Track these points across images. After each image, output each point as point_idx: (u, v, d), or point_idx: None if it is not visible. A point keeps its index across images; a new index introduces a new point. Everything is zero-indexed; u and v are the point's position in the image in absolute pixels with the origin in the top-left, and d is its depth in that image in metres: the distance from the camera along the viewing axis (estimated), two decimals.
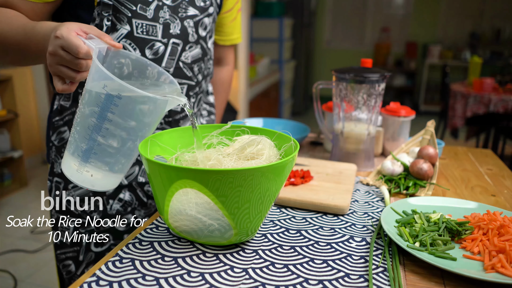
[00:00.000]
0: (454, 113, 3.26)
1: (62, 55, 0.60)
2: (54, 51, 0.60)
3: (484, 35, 5.74)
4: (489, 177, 1.01)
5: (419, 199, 0.78)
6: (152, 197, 0.93)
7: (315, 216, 0.76)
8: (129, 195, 0.90)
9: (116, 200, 0.89)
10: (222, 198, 0.56)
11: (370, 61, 0.99)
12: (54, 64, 0.62)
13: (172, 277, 0.56)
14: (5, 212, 2.74)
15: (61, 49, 0.60)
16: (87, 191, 0.86)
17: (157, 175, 0.58)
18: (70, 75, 0.62)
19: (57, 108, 0.87)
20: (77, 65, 0.61)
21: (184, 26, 0.86)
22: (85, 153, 0.61)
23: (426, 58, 5.83)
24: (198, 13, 0.88)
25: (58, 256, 0.92)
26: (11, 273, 2.08)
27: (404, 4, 6.03)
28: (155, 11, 0.81)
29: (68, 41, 0.59)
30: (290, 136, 0.68)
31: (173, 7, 0.84)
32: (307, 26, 5.57)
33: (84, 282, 0.54)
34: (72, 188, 0.87)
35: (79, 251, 0.91)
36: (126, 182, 0.89)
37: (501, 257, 0.58)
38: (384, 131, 1.13)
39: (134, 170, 0.90)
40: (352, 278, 0.57)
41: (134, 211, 0.91)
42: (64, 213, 0.88)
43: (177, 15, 0.85)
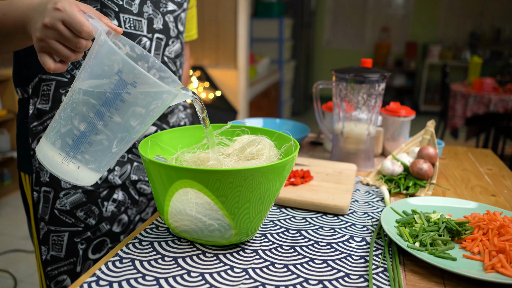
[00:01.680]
0: (454, 113, 3.26)
1: (62, 30, 0.54)
2: (53, 24, 0.54)
3: (484, 35, 5.73)
4: (489, 177, 1.01)
5: (419, 199, 0.78)
6: (143, 194, 0.92)
7: (315, 216, 0.76)
8: (122, 194, 0.88)
9: (110, 201, 0.87)
10: (222, 198, 0.56)
11: (370, 61, 0.99)
12: (48, 39, 0.55)
13: (172, 277, 0.56)
14: (5, 212, 2.74)
15: (62, 24, 0.54)
16: (79, 196, 0.83)
17: (157, 175, 0.58)
18: (65, 54, 0.56)
19: (34, 112, 0.80)
20: (77, 44, 0.55)
21: (165, 21, 0.86)
22: (76, 144, 0.55)
23: (426, 58, 5.83)
24: (176, 8, 0.89)
25: (49, 273, 0.85)
26: (11, 273, 2.08)
27: (404, 4, 6.03)
28: (139, 6, 0.81)
29: (72, 16, 0.53)
30: (290, 136, 0.68)
31: (155, 2, 0.84)
32: (307, 26, 5.57)
33: (84, 282, 0.54)
34: (64, 196, 0.81)
35: (76, 262, 0.85)
36: (119, 182, 0.87)
37: (501, 257, 0.58)
38: (384, 131, 1.13)
39: (126, 168, 0.88)
40: (352, 278, 0.57)
41: (127, 210, 0.90)
42: (56, 224, 0.82)
43: (159, 10, 0.85)
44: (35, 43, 0.56)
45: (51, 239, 0.83)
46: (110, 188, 0.86)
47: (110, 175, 0.85)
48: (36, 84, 0.79)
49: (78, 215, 0.83)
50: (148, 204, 0.95)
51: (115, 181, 0.86)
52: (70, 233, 0.83)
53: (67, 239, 0.84)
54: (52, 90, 0.79)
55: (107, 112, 0.54)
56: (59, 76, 0.79)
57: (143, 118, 0.57)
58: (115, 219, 0.88)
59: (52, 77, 0.79)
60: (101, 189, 0.85)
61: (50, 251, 0.83)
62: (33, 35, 0.56)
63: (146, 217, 0.96)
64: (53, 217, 0.82)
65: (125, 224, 0.91)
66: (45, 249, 0.83)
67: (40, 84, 0.79)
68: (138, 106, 0.55)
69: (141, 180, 0.91)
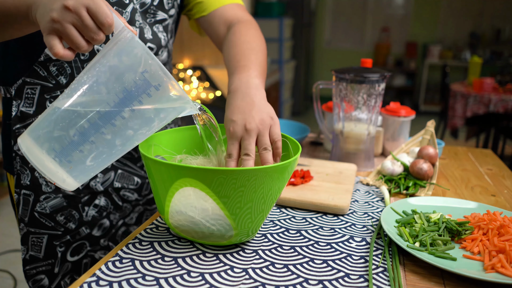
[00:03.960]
0: (454, 113, 3.26)
1: (84, 17, 0.50)
2: (76, 8, 0.50)
3: (484, 35, 5.73)
4: (489, 177, 1.01)
5: (419, 199, 0.78)
6: (127, 201, 0.90)
7: (315, 216, 0.76)
8: (105, 200, 0.87)
9: (91, 206, 0.85)
10: (224, 198, 0.56)
11: (370, 61, 0.99)
12: (65, 22, 0.51)
13: (172, 277, 0.56)
14: (5, 212, 2.74)
15: (85, 10, 0.51)
16: (60, 201, 0.82)
17: (158, 173, 0.58)
18: (78, 42, 0.52)
19: (17, 114, 0.78)
20: (95, 35, 0.52)
21: (154, 31, 0.83)
22: (71, 145, 0.52)
23: (426, 58, 5.83)
24: (166, 17, 0.86)
25: (27, 272, 0.85)
26: (11, 273, 2.08)
27: (404, 4, 6.03)
28: (131, 14, 0.78)
29: (99, 5, 0.50)
30: (292, 138, 0.69)
31: (142, 12, 0.81)
32: (307, 26, 5.56)
33: (84, 282, 0.54)
34: (44, 200, 0.81)
35: (54, 263, 0.85)
36: (102, 189, 0.85)
37: (501, 257, 0.58)
38: (384, 131, 1.13)
39: (110, 176, 0.86)
40: (352, 278, 0.57)
41: (109, 215, 0.89)
42: (35, 226, 0.82)
43: (146, 20, 0.82)
44: (47, 23, 0.51)
45: (30, 240, 0.83)
46: (91, 194, 0.85)
47: (92, 182, 0.84)
48: (20, 86, 0.77)
49: (58, 219, 0.82)
50: (132, 210, 0.93)
51: (96, 187, 0.84)
52: (49, 235, 0.83)
53: (46, 241, 0.83)
54: (37, 95, 0.77)
55: (127, 107, 0.52)
56: (43, 81, 0.76)
57: (154, 124, 0.56)
58: (96, 224, 0.87)
59: (36, 81, 0.76)
60: (82, 194, 0.84)
61: (29, 251, 0.83)
62: (46, 15, 0.52)
63: (130, 222, 0.94)
64: (33, 219, 0.82)
65: (107, 229, 0.90)
66: (24, 248, 0.83)
67: (23, 86, 0.77)
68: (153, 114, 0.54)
69: (125, 187, 0.89)
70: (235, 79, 0.70)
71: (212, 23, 0.89)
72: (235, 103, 0.65)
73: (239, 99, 0.66)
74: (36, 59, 0.75)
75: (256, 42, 0.81)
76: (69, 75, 0.76)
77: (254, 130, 0.62)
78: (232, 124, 0.63)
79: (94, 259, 0.90)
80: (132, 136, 0.55)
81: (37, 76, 0.76)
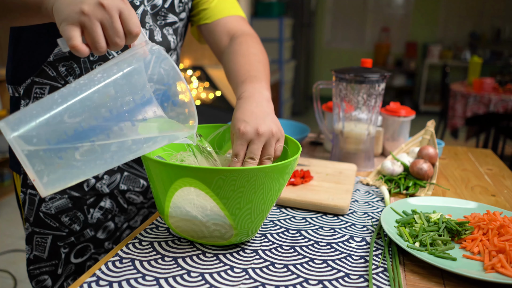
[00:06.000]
0: (454, 113, 3.26)
1: (115, 19, 0.50)
2: (110, 8, 0.50)
3: (484, 35, 5.73)
4: (489, 177, 1.01)
5: (419, 199, 0.78)
6: (132, 204, 0.91)
7: (315, 216, 0.76)
8: (110, 202, 0.87)
9: (96, 208, 0.85)
10: (224, 199, 0.56)
11: (370, 61, 0.99)
12: (94, 18, 0.50)
13: (172, 277, 0.56)
14: (5, 212, 2.74)
15: (118, 13, 0.51)
16: (65, 202, 0.81)
17: (157, 173, 0.58)
18: (100, 42, 0.51)
19: None
20: (118, 40, 0.51)
21: (164, 34, 0.83)
22: (66, 142, 0.47)
23: (426, 58, 5.83)
24: (177, 20, 0.86)
25: (31, 272, 0.85)
26: (11, 273, 2.08)
27: (404, 4, 6.02)
28: (141, 16, 0.78)
29: (131, 13, 0.51)
30: (292, 138, 0.69)
31: (153, 14, 0.81)
32: (307, 26, 5.56)
33: (84, 282, 0.54)
34: (50, 200, 0.81)
35: (57, 264, 0.85)
36: (107, 191, 0.85)
37: (501, 257, 0.58)
38: (384, 131, 1.13)
39: (116, 178, 0.85)
40: (352, 278, 0.57)
41: (114, 218, 0.89)
42: (40, 226, 0.82)
43: (156, 22, 0.82)
44: (74, 13, 0.50)
45: (34, 240, 0.83)
46: (97, 195, 0.85)
47: (97, 183, 0.83)
48: (28, 86, 0.77)
49: (63, 220, 0.82)
50: (137, 212, 0.93)
51: (102, 189, 0.84)
52: (53, 236, 0.83)
53: (51, 242, 0.83)
54: (45, 95, 0.77)
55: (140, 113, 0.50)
56: (52, 81, 0.76)
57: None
58: (101, 226, 0.87)
59: (45, 81, 0.76)
60: (88, 196, 0.84)
61: (33, 251, 0.84)
62: (75, 6, 0.50)
63: (135, 225, 0.94)
64: (38, 219, 0.82)
65: (111, 231, 0.90)
66: (29, 248, 0.84)
67: (32, 86, 0.77)
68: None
69: (131, 190, 0.88)
70: (248, 87, 0.70)
71: (214, 32, 0.89)
72: (249, 107, 0.65)
73: (253, 105, 0.65)
74: (45, 59, 0.75)
75: (263, 55, 0.83)
76: (78, 76, 0.76)
77: (265, 136, 0.61)
78: (244, 124, 0.62)
79: (98, 261, 0.90)
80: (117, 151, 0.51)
81: (46, 76, 0.76)
